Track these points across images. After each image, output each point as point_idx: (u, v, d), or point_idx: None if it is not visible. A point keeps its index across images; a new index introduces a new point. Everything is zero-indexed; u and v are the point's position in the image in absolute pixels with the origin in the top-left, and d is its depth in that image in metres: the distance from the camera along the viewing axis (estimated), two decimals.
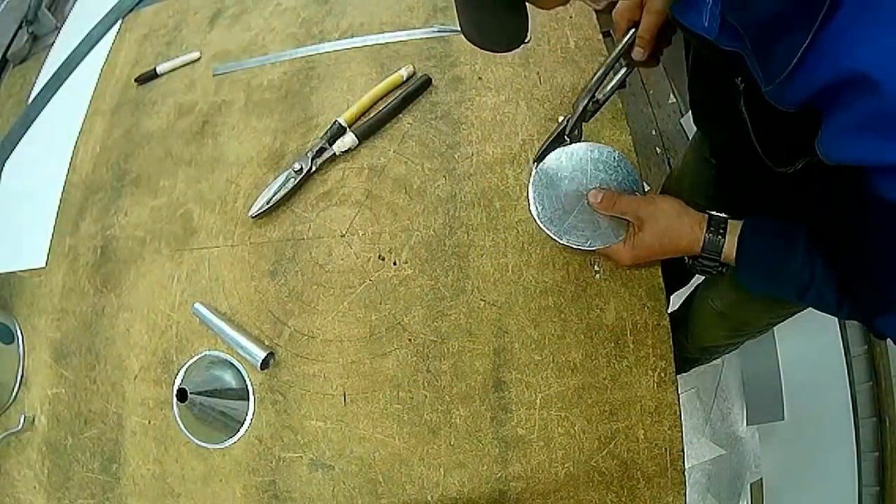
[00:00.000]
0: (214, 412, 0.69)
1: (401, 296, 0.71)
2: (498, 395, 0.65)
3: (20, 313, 0.82)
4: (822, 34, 0.36)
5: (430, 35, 0.89)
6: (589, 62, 0.82)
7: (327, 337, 0.70)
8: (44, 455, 0.73)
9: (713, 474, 1.43)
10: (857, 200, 0.43)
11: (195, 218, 0.81)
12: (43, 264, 0.84)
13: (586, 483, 0.61)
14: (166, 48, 1.01)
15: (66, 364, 0.76)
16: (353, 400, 0.67)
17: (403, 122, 0.82)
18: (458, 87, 0.83)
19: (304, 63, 0.91)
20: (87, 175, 0.90)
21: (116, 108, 0.96)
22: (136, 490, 0.69)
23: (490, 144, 0.78)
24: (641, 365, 0.64)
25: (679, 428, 0.62)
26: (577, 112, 0.64)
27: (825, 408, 1.17)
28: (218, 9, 1.03)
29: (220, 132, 0.88)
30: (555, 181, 0.64)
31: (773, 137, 0.53)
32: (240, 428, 0.68)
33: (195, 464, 0.69)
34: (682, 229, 0.59)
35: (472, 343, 0.67)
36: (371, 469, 0.64)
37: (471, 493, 0.62)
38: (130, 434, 0.71)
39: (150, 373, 0.73)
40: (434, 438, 0.64)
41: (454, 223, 0.73)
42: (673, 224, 0.59)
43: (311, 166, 0.79)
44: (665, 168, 1.84)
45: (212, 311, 0.73)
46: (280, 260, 0.75)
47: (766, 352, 1.37)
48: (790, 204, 0.59)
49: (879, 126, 0.36)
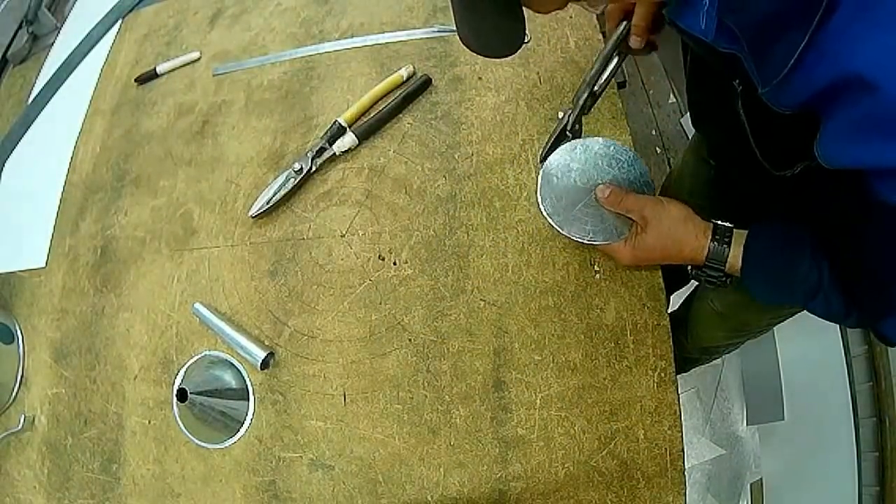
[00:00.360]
0: (214, 412, 0.69)
1: (401, 296, 0.71)
2: (498, 395, 0.65)
3: (20, 313, 0.82)
4: (819, 35, 0.36)
5: (430, 35, 0.89)
6: (589, 62, 0.82)
7: (327, 337, 0.70)
8: (44, 455, 0.73)
9: (713, 474, 1.43)
10: (856, 203, 0.43)
11: (195, 218, 0.81)
12: (43, 264, 0.84)
13: (586, 483, 0.61)
14: (166, 48, 1.01)
15: (66, 364, 0.76)
16: (353, 400, 0.67)
17: (403, 122, 0.82)
18: (458, 87, 0.83)
19: (304, 63, 0.91)
20: (87, 175, 0.90)
21: (116, 108, 0.96)
22: (136, 490, 0.69)
23: (490, 144, 0.78)
24: (641, 365, 0.64)
25: (679, 428, 0.62)
26: (577, 107, 0.63)
27: (825, 408, 1.17)
28: (218, 9, 1.03)
29: (220, 132, 0.88)
30: (566, 172, 0.63)
31: (771, 140, 0.53)
32: (240, 428, 0.68)
33: (195, 464, 0.69)
34: (687, 235, 0.58)
35: (472, 343, 0.67)
36: (371, 469, 0.64)
37: (471, 493, 0.62)
38: (130, 434, 0.71)
39: (150, 373, 0.73)
40: (434, 438, 0.64)
41: (454, 223, 0.73)
42: (677, 228, 0.58)
43: (311, 166, 0.79)
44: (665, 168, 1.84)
45: (212, 311, 0.73)
46: (280, 260, 0.75)
47: (766, 352, 1.37)
48: (789, 206, 0.59)
49: (878, 128, 0.36)
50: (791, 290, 0.55)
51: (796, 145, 0.45)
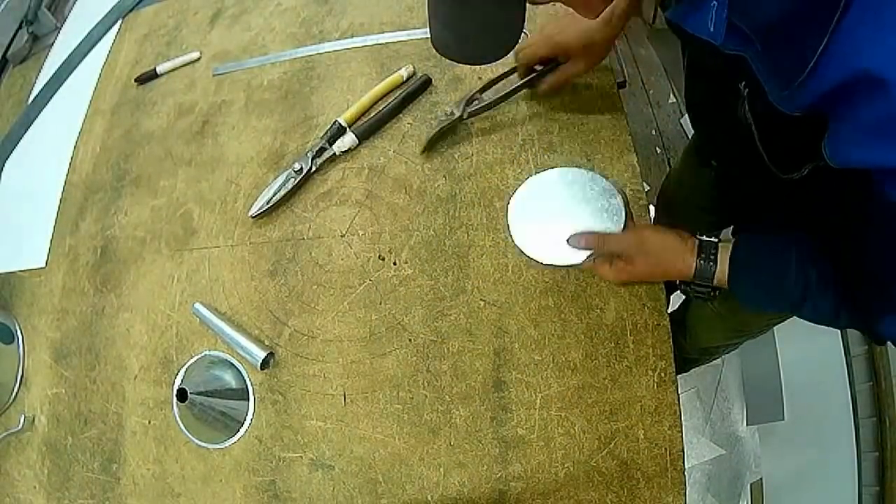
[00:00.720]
0: (214, 412, 0.69)
1: (401, 296, 0.71)
2: (498, 395, 0.65)
3: (20, 313, 0.82)
4: (833, 35, 0.35)
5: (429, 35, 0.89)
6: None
7: (327, 337, 0.70)
8: (44, 455, 0.73)
9: (713, 474, 1.43)
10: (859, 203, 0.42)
11: (195, 218, 0.81)
12: (43, 264, 0.84)
13: (586, 483, 0.61)
14: (166, 48, 1.01)
15: (66, 364, 0.76)
16: (353, 400, 0.67)
17: (403, 122, 0.82)
18: (458, 86, 0.83)
19: (304, 63, 0.91)
20: (87, 175, 0.90)
21: (116, 108, 0.96)
22: (136, 490, 0.69)
23: (490, 144, 0.78)
24: (641, 365, 0.64)
25: (679, 428, 0.62)
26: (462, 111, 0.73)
27: (825, 408, 1.17)
28: (218, 9, 1.03)
29: (220, 132, 0.88)
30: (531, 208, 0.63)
31: (779, 143, 0.53)
32: (240, 428, 0.69)
33: (195, 464, 0.69)
34: (674, 259, 0.58)
35: (472, 343, 0.67)
36: (371, 469, 0.64)
37: (471, 493, 0.62)
38: (130, 434, 0.71)
39: (150, 373, 0.73)
40: (434, 438, 0.64)
41: (454, 223, 0.73)
42: (663, 256, 0.59)
43: (311, 166, 0.79)
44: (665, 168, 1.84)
45: (212, 311, 0.73)
46: (280, 260, 0.75)
47: (766, 352, 1.37)
48: (790, 207, 0.58)
49: (888, 129, 0.36)
50: (779, 297, 0.55)
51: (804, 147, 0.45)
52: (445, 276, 0.70)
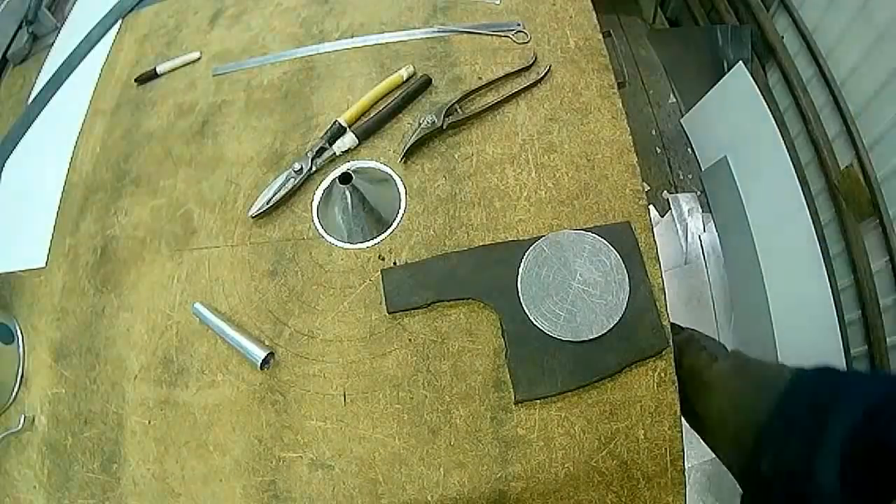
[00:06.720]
0: (366, 207, 0.73)
1: None
2: (498, 395, 0.65)
3: (20, 313, 0.82)
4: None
5: (430, 35, 0.89)
6: (589, 62, 0.82)
7: (327, 337, 0.70)
8: (44, 455, 0.73)
9: (713, 474, 1.43)
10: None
11: (195, 218, 0.81)
12: (43, 264, 0.84)
13: (586, 483, 0.61)
14: (166, 48, 1.01)
15: (66, 364, 0.76)
16: (353, 400, 0.67)
17: (403, 123, 0.82)
18: (458, 86, 0.83)
19: (304, 63, 0.91)
20: (87, 175, 0.90)
21: (116, 108, 0.96)
22: (136, 490, 0.69)
23: (490, 144, 0.78)
24: (641, 365, 0.64)
25: (679, 428, 0.62)
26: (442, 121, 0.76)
27: None
28: (218, 9, 1.03)
29: (220, 132, 0.88)
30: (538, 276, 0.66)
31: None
32: (385, 229, 0.73)
33: (195, 464, 0.69)
34: None
35: (472, 343, 0.67)
36: (371, 469, 0.64)
37: (471, 493, 0.62)
38: (130, 434, 0.71)
39: (150, 373, 0.73)
40: (434, 438, 0.64)
41: (454, 223, 0.73)
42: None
43: (311, 166, 0.79)
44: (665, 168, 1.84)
45: (212, 311, 0.73)
46: (280, 260, 0.75)
47: (766, 352, 1.37)
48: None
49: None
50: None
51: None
52: None
